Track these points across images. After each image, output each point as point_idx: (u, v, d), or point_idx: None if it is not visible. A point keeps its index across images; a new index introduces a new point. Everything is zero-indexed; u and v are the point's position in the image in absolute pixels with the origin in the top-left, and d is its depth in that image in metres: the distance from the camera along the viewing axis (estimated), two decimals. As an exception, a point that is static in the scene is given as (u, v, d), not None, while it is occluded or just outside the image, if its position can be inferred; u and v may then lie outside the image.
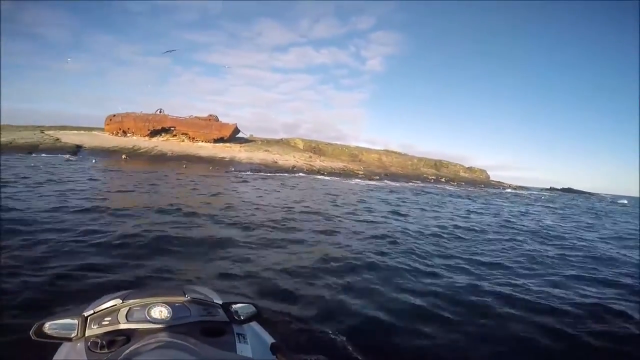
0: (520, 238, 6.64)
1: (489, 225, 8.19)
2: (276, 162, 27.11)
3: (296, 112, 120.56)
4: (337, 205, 9.35)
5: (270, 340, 1.13)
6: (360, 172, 31.35)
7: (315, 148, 37.52)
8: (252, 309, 1.12)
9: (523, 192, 40.35)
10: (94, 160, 19.47)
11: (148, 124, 30.48)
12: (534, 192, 43.17)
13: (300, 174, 24.81)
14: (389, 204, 11.15)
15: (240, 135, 33.88)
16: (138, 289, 1.20)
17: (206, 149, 27.55)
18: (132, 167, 17.56)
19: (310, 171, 26.86)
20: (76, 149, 24.49)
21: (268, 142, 36.13)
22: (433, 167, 44.66)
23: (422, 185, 29.26)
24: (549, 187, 59.98)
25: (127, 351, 0.80)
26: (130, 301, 1.05)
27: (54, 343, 0.98)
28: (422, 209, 10.50)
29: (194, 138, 30.09)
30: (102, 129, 31.06)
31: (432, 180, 36.67)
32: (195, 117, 32.21)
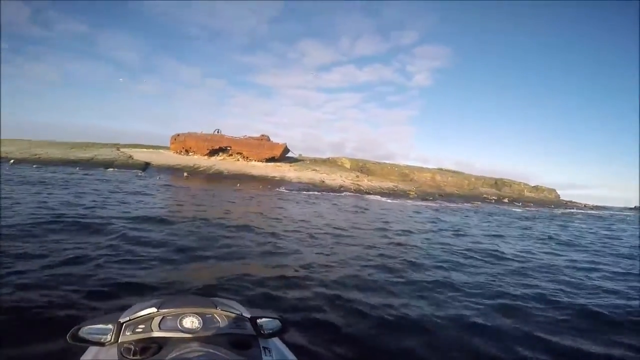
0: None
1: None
2: (323, 182, 27.09)
3: (342, 131, 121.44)
4: (413, 230, 9.15)
5: (291, 355, 1.16)
6: (412, 192, 29.92)
7: (362, 167, 36.97)
8: (278, 323, 1.16)
9: (603, 212, 35.23)
10: (158, 178, 21.27)
11: (207, 144, 32.76)
12: (616, 212, 37.63)
13: (347, 193, 24.40)
14: (482, 228, 10.67)
15: (290, 154, 34.82)
16: (172, 298, 1.23)
17: (258, 168, 28.64)
18: (191, 183, 18.85)
19: (358, 191, 26.30)
20: (145, 166, 27.14)
21: (315, 162, 36.54)
22: (493, 186, 41.07)
23: (482, 205, 26.92)
24: (633, 207, 51.36)
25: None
26: (164, 310, 1.08)
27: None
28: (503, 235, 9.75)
29: (247, 157, 31.58)
30: (168, 147, 34.12)
31: (493, 201, 33.61)
32: (249, 137, 33.94)
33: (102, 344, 1.00)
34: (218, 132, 34.92)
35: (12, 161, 24.27)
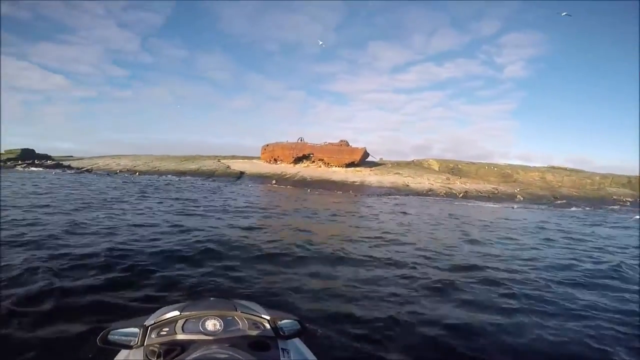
0: None
1: None
2: (407, 185, 25.29)
3: (426, 132, 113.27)
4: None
5: (311, 355, 1.18)
6: (518, 195, 25.38)
7: (453, 169, 33.30)
8: (297, 325, 1.17)
9: None
10: (250, 185, 23.25)
11: (292, 152, 34.57)
12: None
13: (436, 197, 22.09)
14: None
15: (370, 158, 33.94)
16: (195, 302, 1.27)
17: (339, 173, 28.67)
18: (278, 188, 19.97)
19: (449, 195, 23.61)
20: (240, 175, 30.18)
21: (398, 165, 34.62)
22: (626, 186, 31.66)
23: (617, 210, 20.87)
24: None
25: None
26: (187, 313, 1.13)
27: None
28: None
29: (328, 163, 32.04)
30: (259, 157, 37.31)
31: (628, 204, 25.87)
32: (329, 143, 34.49)
33: (129, 347, 1.04)
34: (301, 140, 36.58)
35: (137, 173, 30.46)
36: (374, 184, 25.00)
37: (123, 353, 1.09)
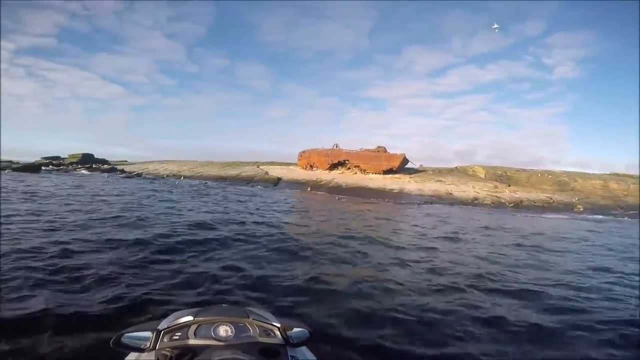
0: None
1: None
2: (451, 194, 23.83)
3: (469, 137, 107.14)
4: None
5: None
6: (578, 205, 22.80)
7: (501, 176, 30.92)
8: (306, 333, 1.18)
9: None
10: (286, 191, 23.41)
11: (327, 159, 34.41)
12: None
13: (483, 207, 20.49)
14: None
15: (409, 165, 32.69)
16: (208, 308, 1.26)
17: (376, 180, 27.90)
18: (313, 195, 19.79)
19: (498, 204, 21.83)
20: (277, 180, 30.61)
21: (440, 172, 32.93)
22: None
23: None
24: None
25: None
26: (200, 318, 1.13)
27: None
28: None
29: (364, 170, 31.36)
30: (296, 164, 37.68)
31: None
32: (365, 149, 33.81)
33: (141, 350, 1.06)
34: (336, 146, 36.33)
35: (182, 177, 32.20)
36: (414, 191, 23.90)
37: (133, 356, 1.09)
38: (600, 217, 19.15)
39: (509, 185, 28.26)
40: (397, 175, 29.41)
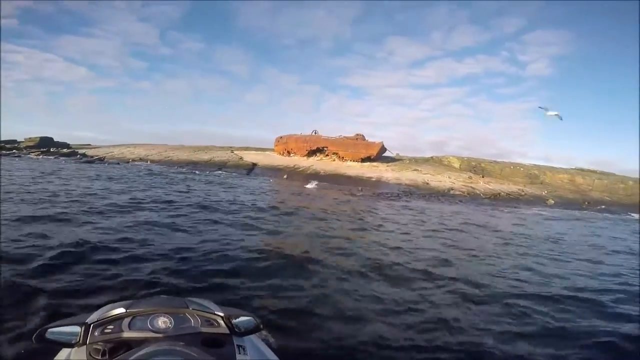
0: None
1: None
2: (427, 183, 23.75)
3: (443, 129, 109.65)
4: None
5: (270, 353, 1.15)
6: (549, 199, 23.47)
7: (475, 167, 31.38)
8: (253, 321, 1.13)
9: None
10: (261, 178, 22.28)
11: (306, 145, 33.43)
12: None
13: (459, 198, 20.51)
14: None
15: (386, 154, 32.41)
16: (142, 299, 1.19)
17: (354, 168, 27.36)
18: (289, 182, 18.84)
19: (473, 195, 21.97)
20: (252, 166, 29.33)
21: (416, 161, 32.96)
22: None
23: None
24: None
25: (133, 357, 0.79)
26: (134, 310, 1.06)
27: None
28: None
29: (343, 157, 30.72)
30: (272, 149, 36.34)
31: None
32: (344, 136, 33.12)
33: (70, 345, 0.99)
34: (315, 132, 35.33)
35: (148, 162, 30.14)
36: (392, 180, 23.58)
37: (64, 352, 1.01)
38: (577, 213, 19.65)
39: (483, 177, 28.72)
40: (374, 164, 29.02)
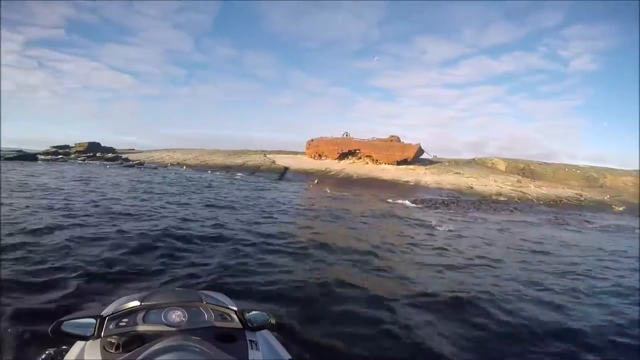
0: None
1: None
2: (472, 188, 21.96)
3: (481, 129, 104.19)
4: None
5: (281, 349, 1.13)
6: (614, 205, 20.74)
7: (524, 169, 28.80)
8: (265, 316, 1.13)
9: None
10: (291, 183, 21.84)
11: (337, 147, 32.71)
12: None
13: (512, 205, 18.59)
14: None
15: (424, 156, 30.74)
16: (156, 292, 1.17)
17: (389, 171, 26.12)
18: (321, 187, 18.14)
19: (525, 200, 19.91)
20: (284, 170, 29.11)
21: (457, 163, 30.92)
22: None
23: None
24: None
25: (142, 354, 0.78)
26: (148, 303, 1.06)
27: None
28: None
29: (376, 160, 29.56)
30: (304, 152, 35.99)
31: None
32: (377, 138, 31.96)
33: (85, 338, 0.97)
34: (347, 135, 34.50)
35: (185, 167, 30.80)
36: (432, 184, 22.08)
37: (79, 345, 1.00)
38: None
39: (534, 180, 26.19)
40: (411, 167, 27.54)
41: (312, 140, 35.63)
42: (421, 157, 30.30)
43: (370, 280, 3.86)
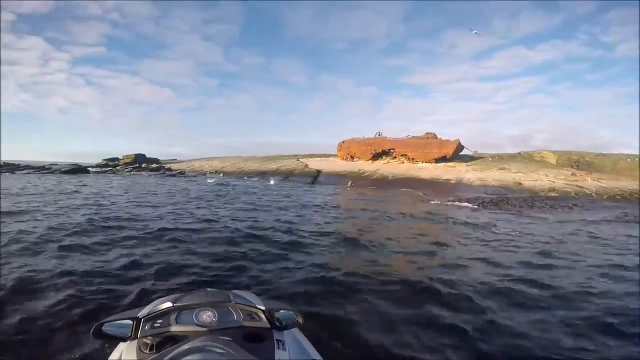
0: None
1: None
2: (520, 183, 20.44)
3: (523, 121, 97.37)
4: None
5: (310, 348, 1.14)
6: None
7: (577, 162, 26.32)
8: (293, 316, 1.13)
9: None
10: (325, 187, 21.69)
11: (370, 148, 32.17)
12: None
13: (571, 201, 16.97)
14: None
15: (463, 152, 29.25)
16: (189, 293, 1.21)
17: (426, 170, 25.13)
18: (357, 190, 17.77)
19: (583, 195, 18.10)
20: (317, 173, 29.13)
21: (501, 158, 29.02)
22: None
23: None
24: None
25: (170, 355, 0.80)
26: (181, 304, 1.10)
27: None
28: None
29: (413, 159, 28.62)
30: (335, 155, 35.83)
31: None
32: (412, 136, 30.94)
33: (123, 340, 1.02)
34: (379, 134, 33.81)
35: (222, 175, 31.91)
36: (475, 182, 20.87)
37: (120, 346, 1.05)
38: None
39: (591, 173, 23.81)
40: (450, 164, 26.30)
41: (343, 141, 35.35)
42: (461, 153, 28.87)
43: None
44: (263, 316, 1.10)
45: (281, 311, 1.13)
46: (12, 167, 28.71)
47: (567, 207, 14.15)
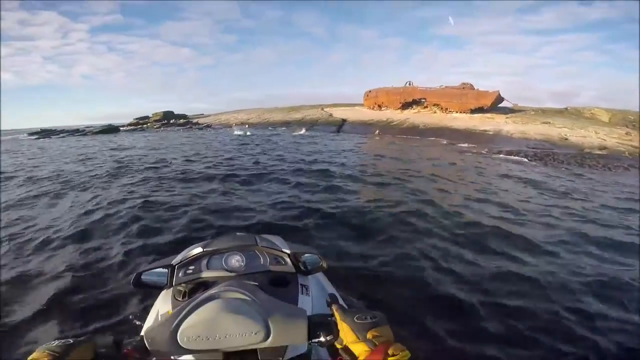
0: None
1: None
2: (566, 139, 18.70)
3: (568, 78, 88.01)
4: None
5: (331, 290, 1.15)
6: None
7: (634, 121, 23.59)
8: (318, 260, 1.12)
9: None
10: (352, 135, 20.78)
11: (399, 97, 30.32)
12: None
13: (626, 161, 15.40)
14: None
15: (503, 104, 26.87)
16: (217, 238, 1.21)
17: (461, 120, 23.44)
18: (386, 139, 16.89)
19: (638, 156, 16.37)
20: (342, 122, 28.06)
21: (544, 112, 26.53)
22: None
23: None
24: None
25: (191, 303, 0.77)
26: (210, 249, 1.10)
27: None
28: None
29: (446, 109, 26.70)
30: (362, 104, 34.14)
31: None
32: (446, 87, 28.59)
33: (160, 288, 1.03)
34: (410, 84, 31.50)
35: (247, 126, 31.43)
36: (515, 134, 19.28)
37: (161, 295, 1.06)
38: None
39: (649, 132, 21.37)
40: (488, 115, 24.31)
41: (370, 91, 33.31)
42: (500, 105, 26.58)
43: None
44: (288, 260, 1.09)
45: (306, 255, 1.11)
46: (48, 132, 32.11)
47: (622, 167, 12.79)
